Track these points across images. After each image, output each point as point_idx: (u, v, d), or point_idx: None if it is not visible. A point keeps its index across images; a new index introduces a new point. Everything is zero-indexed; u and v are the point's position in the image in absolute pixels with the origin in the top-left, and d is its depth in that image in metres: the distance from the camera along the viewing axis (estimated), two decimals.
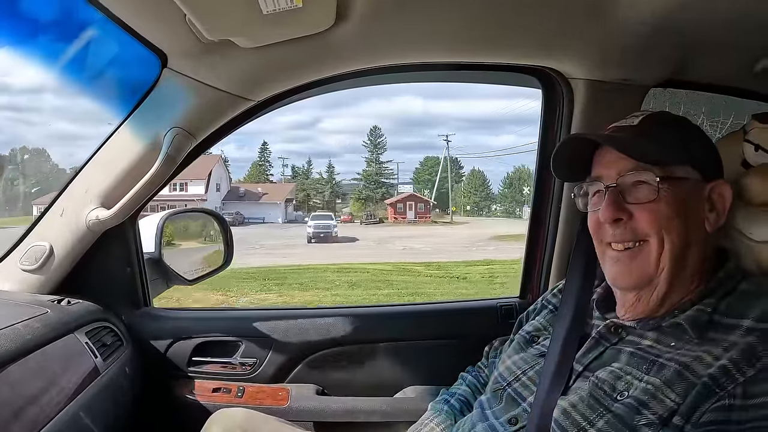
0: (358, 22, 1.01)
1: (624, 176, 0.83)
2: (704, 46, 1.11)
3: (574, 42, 1.13)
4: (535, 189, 1.46)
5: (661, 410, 0.70)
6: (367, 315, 1.52)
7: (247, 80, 1.15)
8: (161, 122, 1.17)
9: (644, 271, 0.82)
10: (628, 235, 0.82)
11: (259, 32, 1.01)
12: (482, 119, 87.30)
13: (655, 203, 0.80)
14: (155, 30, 1.05)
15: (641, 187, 0.82)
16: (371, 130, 56.87)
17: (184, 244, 1.72)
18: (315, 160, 79.96)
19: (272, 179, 53.94)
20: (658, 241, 0.80)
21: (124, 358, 1.28)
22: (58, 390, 1.01)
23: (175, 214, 1.58)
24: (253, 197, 43.37)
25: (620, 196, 0.83)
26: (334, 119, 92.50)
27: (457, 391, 1.15)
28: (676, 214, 0.80)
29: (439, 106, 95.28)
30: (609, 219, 0.82)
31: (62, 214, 1.27)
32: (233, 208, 38.40)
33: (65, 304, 1.23)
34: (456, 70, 1.29)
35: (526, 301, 1.48)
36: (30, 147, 38.51)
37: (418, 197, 44.28)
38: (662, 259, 0.81)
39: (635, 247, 0.82)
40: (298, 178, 54.97)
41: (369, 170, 53.71)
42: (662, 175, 0.80)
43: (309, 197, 51.27)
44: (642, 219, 0.81)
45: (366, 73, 1.21)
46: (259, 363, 1.42)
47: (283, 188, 47.65)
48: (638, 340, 0.82)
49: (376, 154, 55.15)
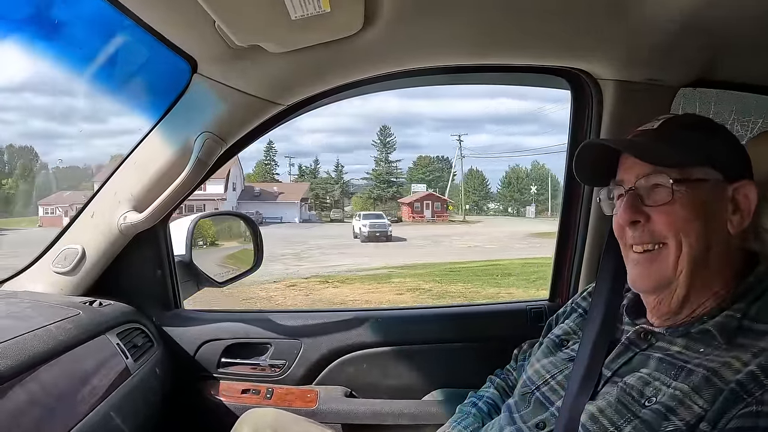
0: (384, 26, 1.01)
1: (641, 179, 0.83)
2: (734, 45, 1.10)
3: (600, 42, 1.13)
4: (564, 191, 1.45)
5: (689, 416, 0.70)
6: (396, 318, 1.52)
7: (277, 85, 1.16)
8: (192, 127, 1.19)
9: (662, 274, 0.81)
10: (646, 237, 0.82)
11: (288, 37, 1.02)
12: (458, 119, 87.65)
13: (670, 205, 0.80)
14: (185, 36, 1.07)
15: (657, 189, 0.81)
16: (381, 129, 57.33)
17: (215, 246, 1.74)
18: (294, 159, 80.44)
19: (278, 178, 54.52)
20: (676, 244, 0.80)
21: (155, 359, 1.30)
22: (89, 390, 1.03)
23: (205, 216, 1.60)
24: (268, 197, 43.70)
25: (638, 199, 0.82)
26: (311, 118, 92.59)
27: (485, 394, 1.14)
28: (694, 216, 0.79)
29: (416, 105, 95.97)
30: (626, 221, 0.83)
31: (93, 217, 1.29)
32: (251, 208, 38.58)
33: (97, 305, 1.25)
34: (483, 72, 1.29)
35: (555, 304, 1.47)
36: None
37: (435, 196, 44.40)
38: (680, 262, 0.80)
39: (654, 250, 0.82)
40: (305, 178, 55.22)
41: (379, 169, 53.93)
42: (677, 177, 0.79)
43: (318, 196, 51.65)
44: (659, 221, 0.81)
45: (394, 77, 1.21)
46: (288, 365, 1.42)
47: (297, 188, 47.99)
48: (667, 346, 0.82)
49: (385, 154, 55.47)
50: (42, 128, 55.23)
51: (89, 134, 56.76)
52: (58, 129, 63.39)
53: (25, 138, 59.31)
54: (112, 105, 3.18)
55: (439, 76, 1.26)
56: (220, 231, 1.77)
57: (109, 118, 48.93)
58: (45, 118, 58.03)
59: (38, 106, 45.65)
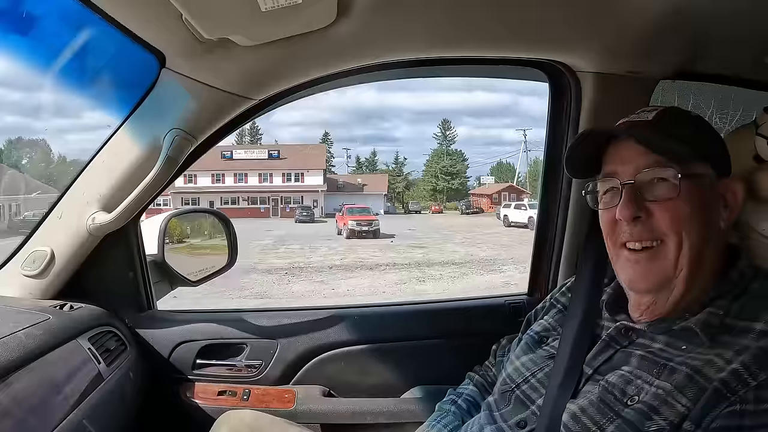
0: (358, 18, 0.98)
1: (643, 173, 0.81)
2: (715, 37, 1.09)
3: (581, 34, 1.11)
4: (542, 184, 1.44)
5: (672, 416, 0.69)
6: (373, 314, 1.51)
7: (248, 79, 1.13)
8: (161, 124, 1.15)
9: (663, 273, 0.80)
10: (646, 234, 0.80)
11: (258, 30, 0.98)
12: (434, 111, 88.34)
13: (675, 201, 0.78)
14: (152, 30, 1.03)
15: (661, 184, 0.79)
16: (442, 122, 59.89)
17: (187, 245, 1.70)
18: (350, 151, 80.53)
19: (334, 170, 55.64)
20: (677, 241, 0.78)
21: (128, 363, 1.27)
22: (61, 399, 1.00)
23: (178, 214, 1.57)
24: (353, 188, 44.53)
25: (639, 193, 0.80)
26: (288, 111, 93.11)
27: (464, 391, 1.14)
28: (695, 213, 0.78)
29: (392, 99, 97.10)
30: (628, 217, 0.80)
31: (62, 218, 1.25)
32: (339, 200, 38.86)
33: (68, 309, 1.22)
34: (460, 65, 1.27)
35: (534, 298, 1.47)
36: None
37: (515, 188, 45.42)
38: (681, 260, 0.79)
39: (654, 248, 0.80)
40: (363, 169, 56.97)
41: (444, 162, 56.05)
42: (684, 172, 0.78)
43: (390, 189, 52.64)
44: (661, 217, 0.79)
45: (368, 70, 1.19)
46: (264, 365, 1.40)
47: (379, 179, 48.90)
48: (649, 343, 0.81)
49: (446, 146, 57.79)
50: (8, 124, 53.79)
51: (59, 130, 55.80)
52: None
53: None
54: (79, 102, 3.13)
55: (414, 69, 1.24)
56: (193, 229, 1.74)
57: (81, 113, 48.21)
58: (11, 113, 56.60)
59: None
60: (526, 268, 1.54)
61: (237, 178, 42.24)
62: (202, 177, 40.61)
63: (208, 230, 1.67)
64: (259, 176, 42.42)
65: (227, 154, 43.18)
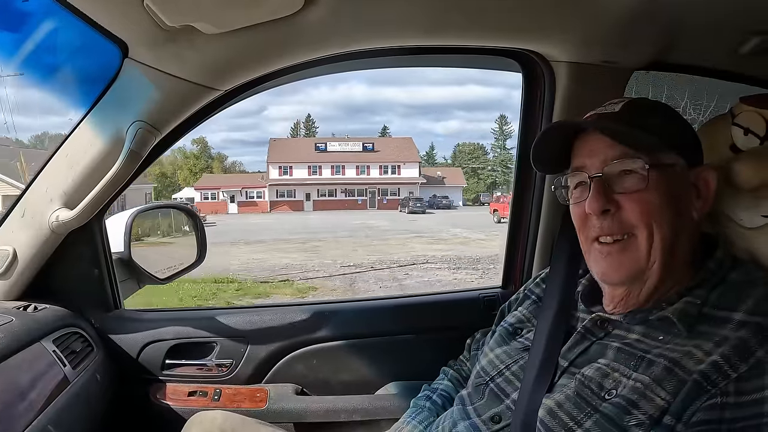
0: (327, 5, 0.95)
1: (610, 165, 0.80)
2: (690, 28, 1.08)
3: (555, 23, 1.09)
4: (515, 177, 1.43)
5: (652, 410, 0.68)
6: (346, 310, 1.48)
7: (213, 69, 1.09)
8: (123, 116, 1.11)
9: (635, 264, 0.79)
10: (616, 227, 0.79)
11: (223, 17, 0.95)
12: (429, 105, 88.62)
13: (644, 192, 0.77)
14: (114, 18, 0.99)
15: (629, 176, 0.79)
16: (499, 117, 63.13)
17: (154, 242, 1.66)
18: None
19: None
20: (647, 233, 0.77)
21: (95, 365, 1.23)
22: (25, 404, 0.97)
23: (144, 210, 1.52)
24: (435, 181, 45.10)
25: (607, 185, 0.79)
26: (279, 106, 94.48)
27: (439, 386, 1.12)
28: (666, 203, 0.78)
29: (384, 92, 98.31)
30: (597, 210, 0.79)
31: (24, 216, 1.21)
32: (428, 192, 40.11)
33: (31, 310, 1.18)
34: (433, 54, 1.25)
35: (508, 291, 1.46)
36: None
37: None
38: (653, 252, 0.78)
39: (624, 240, 0.79)
40: (424, 162, 57.83)
41: (501, 156, 58.98)
42: (652, 162, 0.77)
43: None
44: (631, 209, 0.78)
45: (337, 59, 1.16)
46: (235, 364, 1.37)
47: (456, 172, 50.01)
48: (625, 334, 0.80)
49: (502, 141, 60.23)
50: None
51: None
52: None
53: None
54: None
55: (384, 58, 1.22)
56: (158, 225, 1.70)
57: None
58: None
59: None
60: None
61: (334, 170, 42.94)
62: (298, 169, 41.26)
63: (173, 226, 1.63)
64: (356, 168, 43.17)
65: (321, 146, 44.10)
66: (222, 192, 40.25)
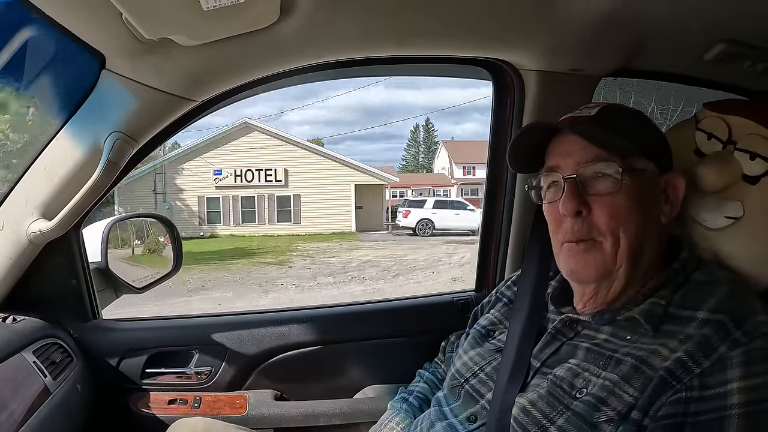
0: (301, 17, 0.97)
1: (584, 167, 0.81)
2: (656, 35, 1.11)
3: (523, 33, 1.12)
4: (487, 180, 1.44)
5: (620, 406, 0.70)
6: (322, 316, 1.49)
7: (190, 80, 1.10)
8: (101, 127, 1.11)
9: (602, 265, 0.81)
10: (585, 231, 0.81)
11: (200, 29, 0.96)
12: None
13: (616, 196, 0.79)
14: (91, 30, 0.99)
15: (602, 179, 0.80)
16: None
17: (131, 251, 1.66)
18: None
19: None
20: (614, 240, 0.79)
21: (75, 375, 1.23)
22: (6, 416, 0.96)
23: (120, 220, 1.52)
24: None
25: (581, 187, 0.81)
26: (300, 111, 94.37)
27: (415, 388, 1.14)
28: (635, 208, 0.79)
29: (401, 95, 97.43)
30: (570, 211, 0.80)
31: (2, 228, 1.20)
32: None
33: (10, 322, 1.17)
34: (405, 64, 1.27)
35: (482, 294, 1.47)
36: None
37: None
38: (620, 255, 0.80)
39: (592, 241, 0.81)
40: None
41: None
42: (625, 166, 0.79)
43: None
44: (600, 215, 0.80)
45: (312, 69, 1.17)
46: (214, 371, 1.38)
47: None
48: (594, 334, 0.82)
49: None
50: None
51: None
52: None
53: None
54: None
55: (358, 68, 1.24)
56: (135, 234, 1.69)
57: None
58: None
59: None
60: None
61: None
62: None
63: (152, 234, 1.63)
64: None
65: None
66: (410, 190, 39.38)
